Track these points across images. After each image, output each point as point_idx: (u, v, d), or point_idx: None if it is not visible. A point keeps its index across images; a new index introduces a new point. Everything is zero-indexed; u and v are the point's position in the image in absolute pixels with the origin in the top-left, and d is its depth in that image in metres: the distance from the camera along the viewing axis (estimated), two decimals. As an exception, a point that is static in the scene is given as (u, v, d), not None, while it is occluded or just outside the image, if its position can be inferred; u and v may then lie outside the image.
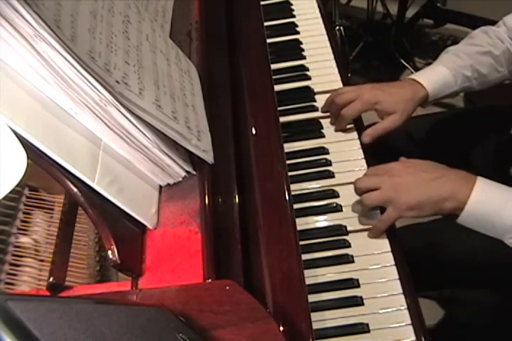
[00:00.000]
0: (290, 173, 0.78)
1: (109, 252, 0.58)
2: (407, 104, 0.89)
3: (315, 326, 0.59)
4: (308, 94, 1.00)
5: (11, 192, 0.54)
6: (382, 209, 0.79)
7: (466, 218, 0.73)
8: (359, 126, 0.94)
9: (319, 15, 1.12)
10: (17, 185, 0.55)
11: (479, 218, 0.72)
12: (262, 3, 1.04)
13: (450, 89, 0.93)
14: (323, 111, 0.96)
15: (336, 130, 0.94)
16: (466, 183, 0.73)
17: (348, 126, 0.94)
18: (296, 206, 0.76)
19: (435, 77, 0.93)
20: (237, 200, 0.69)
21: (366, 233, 0.80)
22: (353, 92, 0.91)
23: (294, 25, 1.12)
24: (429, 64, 1.01)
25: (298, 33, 1.10)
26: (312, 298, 0.72)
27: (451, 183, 0.73)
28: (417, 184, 0.74)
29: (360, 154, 0.90)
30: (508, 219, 0.71)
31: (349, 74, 1.04)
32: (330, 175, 0.88)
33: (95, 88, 0.56)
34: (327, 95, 0.96)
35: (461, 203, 0.72)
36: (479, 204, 0.71)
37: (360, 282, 0.76)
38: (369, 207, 0.78)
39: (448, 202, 0.73)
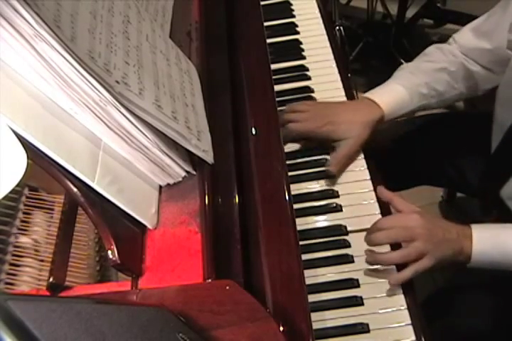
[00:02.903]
0: (290, 173, 0.78)
1: (109, 252, 0.58)
2: (360, 128, 0.88)
3: (315, 326, 0.59)
4: (308, 94, 1.00)
5: (11, 192, 0.54)
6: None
7: (475, 265, 0.77)
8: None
9: (319, 15, 1.12)
10: (17, 185, 0.55)
11: (486, 264, 0.77)
12: (262, 3, 1.04)
13: (406, 109, 0.92)
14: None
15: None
16: (467, 237, 0.76)
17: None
18: (296, 206, 0.76)
19: (391, 96, 0.91)
20: (237, 200, 0.69)
21: (366, 233, 0.80)
22: (302, 114, 0.90)
23: (294, 25, 1.12)
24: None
25: (298, 33, 1.10)
26: (312, 298, 0.72)
27: (462, 240, 0.76)
28: (444, 241, 0.76)
29: (360, 154, 0.90)
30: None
31: (349, 74, 1.04)
32: (330, 174, 0.88)
33: (95, 88, 0.56)
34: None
35: (467, 257, 0.76)
36: (481, 255, 0.76)
37: (360, 282, 0.76)
38: (409, 258, 0.76)
39: (460, 256, 0.76)
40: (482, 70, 0.95)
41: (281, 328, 0.53)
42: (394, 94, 0.91)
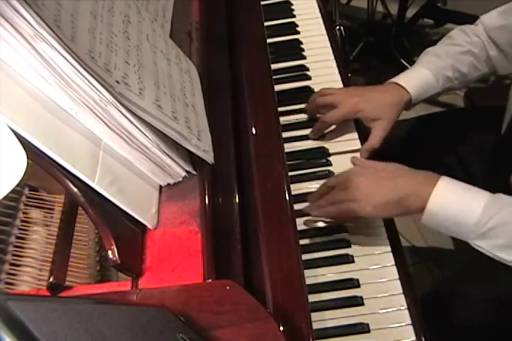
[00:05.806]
0: (290, 173, 0.78)
1: (109, 252, 0.58)
2: (392, 110, 0.89)
3: (315, 326, 0.59)
4: (308, 94, 1.00)
5: (11, 192, 0.54)
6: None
7: (430, 217, 0.70)
8: (359, 126, 0.94)
9: (319, 15, 1.12)
10: (17, 185, 0.55)
11: (443, 217, 0.69)
12: (262, 3, 1.04)
13: (432, 91, 0.94)
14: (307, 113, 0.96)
15: (313, 135, 0.93)
16: (429, 181, 0.70)
17: (349, 126, 0.94)
18: (296, 206, 0.76)
19: (417, 79, 0.93)
20: (237, 200, 0.69)
21: (367, 232, 0.80)
22: (335, 96, 0.91)
23: (294, 25, 1.12)
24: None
25: (298, 32, 1.10)
26: (312, 298, 0.72)
27: (414, 180, 0.72)
28: (379, 183, 0.72)
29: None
30: (472, 219, 0.67)
31: (349, 74, 1.04)
32: (330, 175, 0.88)
33: (95, 88, 0.56)
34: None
35: (424, 202, 0.69)
36: (441, 203, 0.69)
37: (360, 282, 0.76)
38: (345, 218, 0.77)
39: (412, 198, 0.70)
40: (499, 55, 0.96)
41: (281, 328, 0.53)
42: (420, 78, 0.93)
